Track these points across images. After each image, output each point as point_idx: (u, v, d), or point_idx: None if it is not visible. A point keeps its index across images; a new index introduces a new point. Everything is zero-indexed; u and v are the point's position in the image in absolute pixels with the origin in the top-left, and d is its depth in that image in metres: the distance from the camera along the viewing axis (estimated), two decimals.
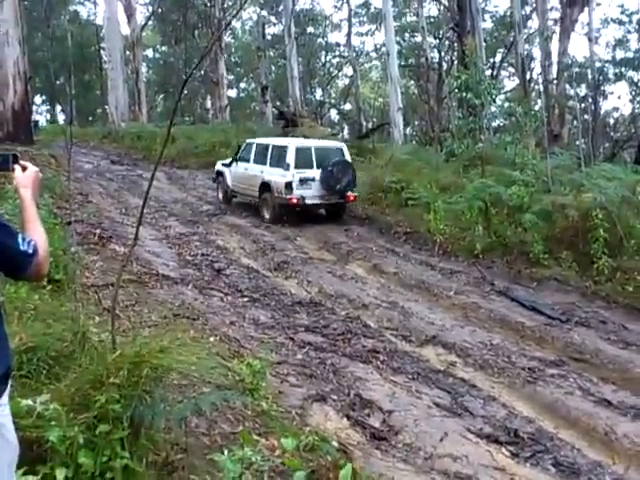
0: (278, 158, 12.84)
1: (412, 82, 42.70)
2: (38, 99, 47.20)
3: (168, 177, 18.27)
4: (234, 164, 14.24)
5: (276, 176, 12.64)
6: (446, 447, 4.61)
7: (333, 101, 49.78)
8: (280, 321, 7.22)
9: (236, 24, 47.04)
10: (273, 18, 42.66)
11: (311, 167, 12.63)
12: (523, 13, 29.12)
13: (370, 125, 35.75)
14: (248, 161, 13.79)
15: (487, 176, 11.88)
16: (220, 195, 14.97)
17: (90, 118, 45.82)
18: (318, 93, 47.91)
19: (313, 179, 12.55)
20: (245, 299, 7.98)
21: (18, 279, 2.24)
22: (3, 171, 2.39)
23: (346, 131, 45.10)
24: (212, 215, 13.38)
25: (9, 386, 2.00)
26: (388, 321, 7.46)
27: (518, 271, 9.44)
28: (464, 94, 13.23)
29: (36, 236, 2.02)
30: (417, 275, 9.46)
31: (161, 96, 53.81)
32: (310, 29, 44.25)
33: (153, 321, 6.17)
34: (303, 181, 12.46)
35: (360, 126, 30.99)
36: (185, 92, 49.19)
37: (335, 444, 4.07)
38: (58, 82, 46.15)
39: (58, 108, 49.92)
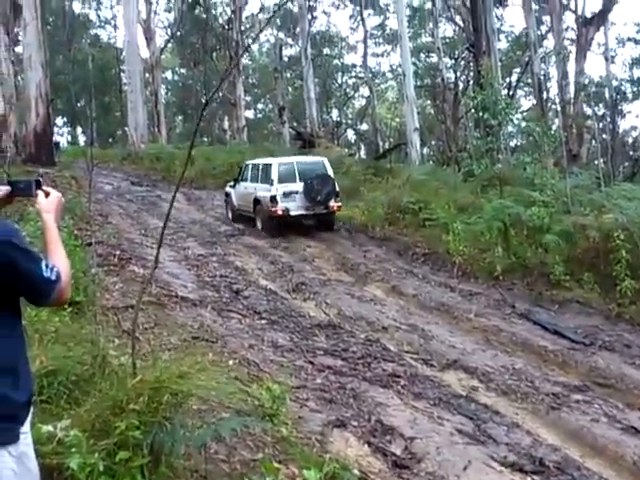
0: (265, 175, 13.88)
1: (428, 102, 42.83)
2: (59, 121, 47.86)
3: (187, 198, 18.38)
4: (237, 185, 15.29)
5: (264, 191, 13.61)
6: (470, 476, 4.50)
7: (350, 121, 50.03)
8: (299, 344, 7.16)
9: (253, 46, 47.54)
10: (290, 40, 43.07)
11: (294, 181, 13.47)
12: (539, 33, 29.21)
13: (387, 145, 35.80)
14: (246, 180, 14.88)
15: (506, 196, 11.79)
16: (230, 214, 15.76)
17: (110, 140, 46.37)
18: (335, 113, 48.22)
19: (297, 192, 13.33)
20: (263, 321, 7.95)
21: (41, 306, 2.23)
22: (26, 197, 2.39)
23: (363, 151, 45.29)
24: (230, 236, 13.41)
25: (31, 413, 1.98)
26: (408, 344, 7.37)
27: (539, 293, 9.31)
28: (481, 114, 13.22)
29: (59, 262, 2.01)
30: (437, 297, 9.38)
31: (180, 117, 54.43)
32: (326, 50, 44.64)
33: (172, 344, 6.15)
34: (287, 194, 13.31)
35: (377, 146, 31.05)
36: (204, 113, 49.73)
37: (356, 472, 4.00)
38: (79, 104, 46.84)
39: (79, 130, 50.62)
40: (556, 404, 5.77)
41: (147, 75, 36.15)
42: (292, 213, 13.33)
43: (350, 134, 51.39)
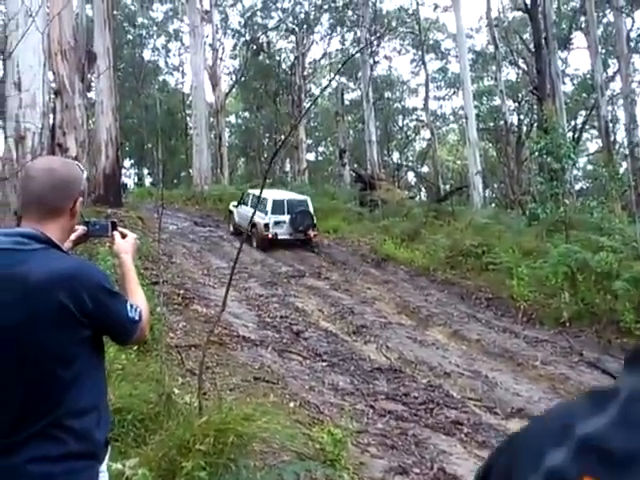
0: (262, 206, 16.68)
1: (490, 145, 42.53)
2: (127, 162, 49.61)
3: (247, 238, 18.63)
4: (239, 206, 18.43)
5: (260, 218, 16.50)
6: None
7: (410, 164, 50.07)
8: (359, 387, 7.09)
9: (315, 91, 48.46)
10: (351, 84, 43.71)
11: (283, 213, 16.83)
12: (605, 75, 28.77)
13: (448, 188, 35.63)
14: (246, 205, 17.87)
15: (572, 241, 11.54)
16: (231, 228, 19.07)
17: (175, 181, 47.67)
18: (395, 156, 48.38)
19: (284, 222, 16.72)
20: (324, 363, 7.91)
21: (123, 344, 2.30)
22: (102, 237, 2.46)
23: (423, 193, 45.11)
24: (291, 277, 13.49)
25: (108, 452, 2.02)
26: (471, 391, 7.20)
27: (608, 341, 8.98)
28: (545, 158, 13.06)
29: (139, 301, 2.07)
30: (501, 343, 9.16)
31: (242, 160, 55.63)
32: (388, 94, 45.06)
33: (234, 384, 6.18)
34: (277, 223, 16.69)
35: (438, 189, 30.89)
36: (265, 156, 50.81)
37: None
38: (146, 147, 48.54)
39: (145, 171, 52.32)
40: None
41: (212, 119, 37.20)
42: (279, 237, 16.67)
43: (411, 176, 51.40)
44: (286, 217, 16.75)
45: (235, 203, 19.04)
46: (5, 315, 1.79)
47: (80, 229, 2.21)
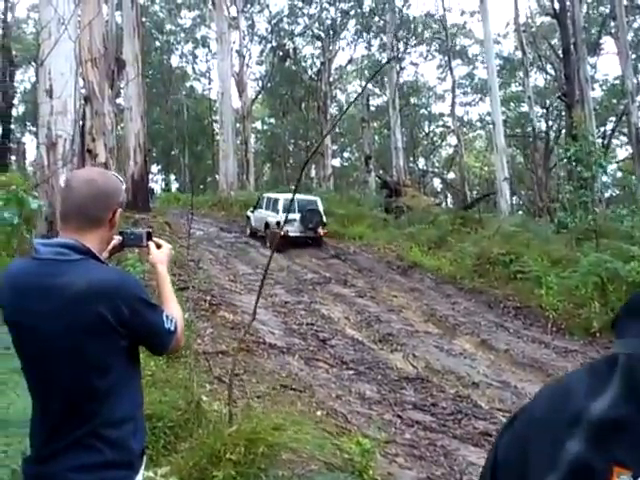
0: (274, 206, 18.44)
1: (518, 151, 42.16)
2: (154, 168, 50.14)
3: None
4: (255, 211, 19.97)
5: (272, 217, 17.93)
6: None
7: (436, 170, 49.85)
8: (386, 397, 7.03)
9: (341, 97, 48.53)
10: (377, 90, 43.70)
11: (294, 212, 17.36)
12: (635, 81, 28.36)
13: (474, 194, 35.39)
14: (261, 208, 19.50)
15: (602, 250, 11.36)
16: (248, 231, 20.29)
17: (201, 186, 48.06)
18: (421, 162, 48.20)
19: (295, 220, 17.59)
20: (350, 372, 7.87)
21: (159, 355, 2.31)
22: (137, 247, 2.46)
23: (449, 200, 44.87)
24: (316, 284, 13.47)
25: (144, 462, 2.02)
26: (500, 402, 7.10)
27: None
28: (574, 166, 12.89)
29: (174, 312, 2.08)
30: (529, 353, 9.03)
31: (267, 165, 55.87)
32: (414, 100, 44.96)
33: (262, 391, 6.17)
34: (288, 221, 16.76)
35: (464, 195, 30.71)
36: (290, 161, 50.97)
37: None
38: (173, 152, 48.98)
39: (172, 176, 52.80)
40: None
41: (238, 125, 37.43)
42: (291, 234, 17.30)
43: (436, 183, 51.18)
44: (297, 215, 17.68)
45: (252, 209, 20.52)
46: (44, 325, 1.80)
47: (116, 239, 2.22)
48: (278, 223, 17.10)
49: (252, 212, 20.22)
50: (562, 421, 0.66)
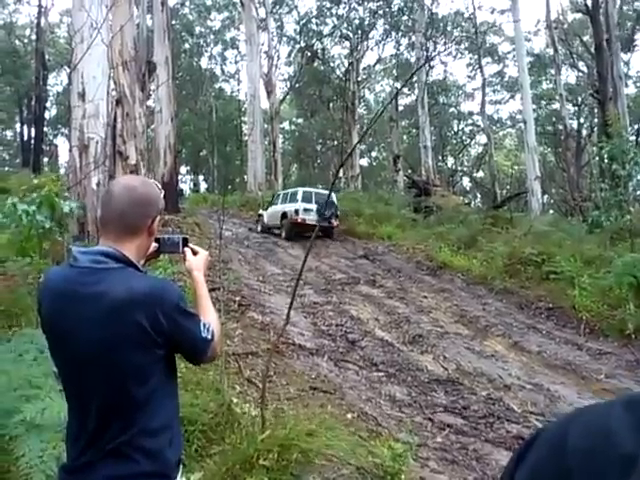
0: (292, 198, 20.38)
1: (549, 149, 41.61)
2: (183, 169, 50.58)
3: (303, 245, 18.67)
4: (268, 208, 21.69)
5: (290, 207, 19.83)
6: None
7: (465, 169, 49.43)
8: (417, 399, 6.98)
9: (369, 96, 48.39)
10: (406, 89, 43.50)
11: (311, 202, 19.71)
12: None
13: (504, 193, 34.99)
14: (276, 204, 21.30)
15: (637, 250, 11.13)
16: (259, 228, 21.76)
17: (229, 186, 48.35)
18: (450, 161, 47.84)
19: (312, 209, 19.45)
20: (380, 373, 7.82)
21: (196, 363, 2.29)
22: (173, 254, 2.45)
23: (478, 199, 44.46)
24: (345, 284, 13.43)
25: (180, 472, 2.02)
26: (533, 405, 6.99)
27: None
28: (608, 164, 12.67)
29: (211, 320, 2.07)
30: (562, 355, 8.88)
31: (295, 166, 55.98)
32: (443, 99, 44.63)
33: (292, 394, 6.16)
34: (306, 210, 19.45)
35: (494, 195, 30.35)
36: (318, 161, 50.98)
37: None
38: (201, 153, 49.31)
39: (200, 177, 53.17)
40: None
41: (266, 125, 37.55)
42: (307, 222, 19.01)
43: (465, 182, 50.75)
44: (313, 206, 19.57)
45: (264, 208, 22.47)
46: (82, 334, 1.81)
47: (152, 246, 2.21)
48: (297, 211, 19.37)
49: (265, 210, 22.02)
50: (612, 465, 0.63)
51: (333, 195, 20.09)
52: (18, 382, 3.13)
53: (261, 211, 22.67)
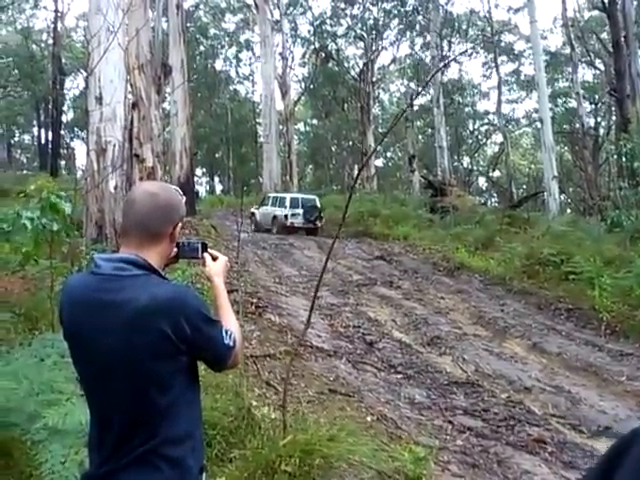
0: (281, 202, 22.94)
1: (566, 148, 41.28)
2: (198, 171, 50.76)
3: (318, 246, 18.65)
4: (260, 208, 23.96)
5: (280, 211, 22.45)
6: None
7: (481, 169, 49.16)
8: (436, 402, 6.92)
9: (384, 97, 48.26)
10: (421, 89, 43.34)
11: (298, 207, 22.34)
12: None
13: (521, 193, 34.76)
14: (267, 205, 23.78)
15: None
16: (253, 227, 23.39)
17: (245, 188, 48.46)
18: (466, 161, 47.61)
19: (299, 214, 22.10)
20: (399, 376, 7.77)
21: (218, 371, 2.28)
22: (193, 259, 2.42)
23: (495, 199, 44.20)
24: (362, 285, 13.38)
25: (203, 479, 2.01)
26: (554, 407, 6.91)
27: None
28: (627, 162, 12.54)
29: (232, 326, 2.05)
30: (583, 357, 8.78)
31: (310, 167, 55.97)
32: (458, 98, 44.42)
33: (311, 396, 6.14)
34: (293, 215, 22.09)
35: (511, 194, 30.16)
36: (333, 162, 50.95)
37: None
38: (217, 155, 49.47)
39: (216, 179, 53.34)
40: None
41: (281, 127, 37.57)
42: (295, 225, 21.88)
43: (481, 182, 50.47)
44: (300, 210, 22.11)
45: (256, 207, 24.48)
46: (104, 341, 1.79)
47: (173, 251, 2.19)
48: (286, 216, 21.95)
49: (257, 209, 24.18)
50: None
51: (317, 200, 23.55)
52: (40, 387, 3.14)
53: (253, 209, 24.43)
